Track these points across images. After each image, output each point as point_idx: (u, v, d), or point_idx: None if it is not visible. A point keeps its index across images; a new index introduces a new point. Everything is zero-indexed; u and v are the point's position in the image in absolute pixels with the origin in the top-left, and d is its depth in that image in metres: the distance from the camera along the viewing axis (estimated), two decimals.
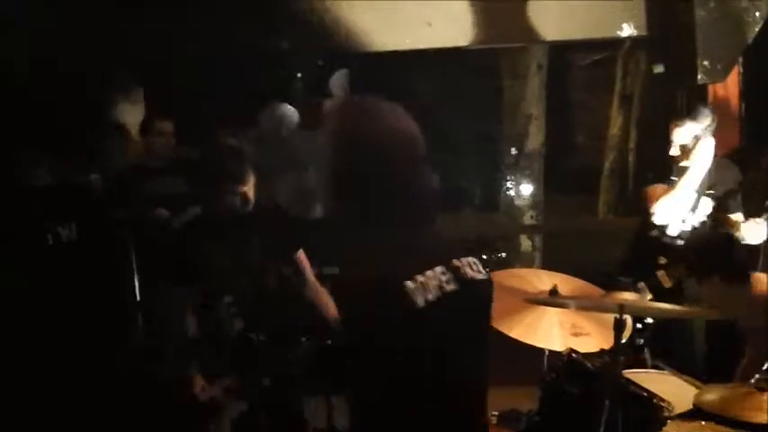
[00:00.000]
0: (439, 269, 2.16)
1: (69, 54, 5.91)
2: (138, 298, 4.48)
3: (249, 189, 3.80)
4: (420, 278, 2.11)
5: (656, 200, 4.82)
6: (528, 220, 8.82)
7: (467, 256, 2.27)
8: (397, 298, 2.06)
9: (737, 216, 4.76)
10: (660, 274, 4.56)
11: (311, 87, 8.66)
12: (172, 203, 5.05)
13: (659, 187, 4.92)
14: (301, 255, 4.08)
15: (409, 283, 2.08)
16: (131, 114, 6.67)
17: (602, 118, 9.30)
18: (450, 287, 2.17)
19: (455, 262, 2.22)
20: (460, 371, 2.21)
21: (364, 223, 2.19)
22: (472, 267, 2.25)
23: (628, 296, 3.13)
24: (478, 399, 2.30)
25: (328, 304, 3.97)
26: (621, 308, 2.95)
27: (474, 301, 2.25)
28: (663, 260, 4.67)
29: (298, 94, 8.58)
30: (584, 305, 3.49)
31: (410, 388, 2.11)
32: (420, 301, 2.08)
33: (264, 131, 8.41)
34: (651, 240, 4.88)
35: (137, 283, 4.46)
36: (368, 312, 2.06)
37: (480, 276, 2.27)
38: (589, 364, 3.22)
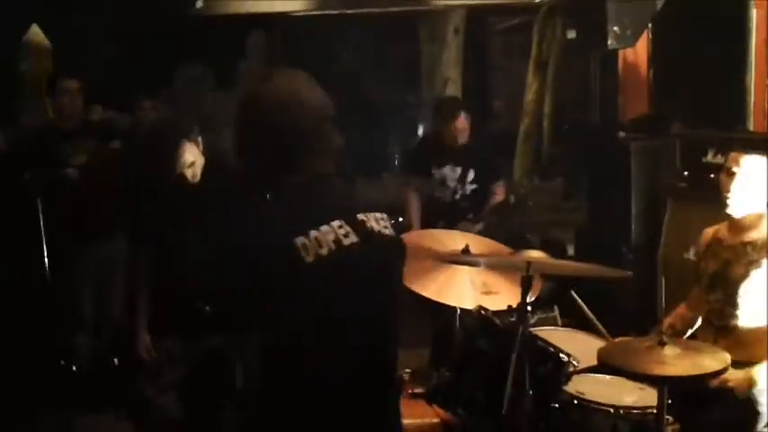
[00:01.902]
0: (336, 223, 2.18)
1: None
2: (47, 260, 4.39)
3: (189, 168, 3.69)
4: (314, 233, 2.13)
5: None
6: None
7: (374, 211, 2.30)
8: (285, 254, 2.09)
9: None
10: None
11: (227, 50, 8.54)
12: (83, 165, 4.96)
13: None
14: None
15: (299, 239, 2.10)
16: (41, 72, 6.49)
17: (518, 83, 9.38)
18: (349, 240, 2.18)
19: (359, 216, 2.24)
20: (364, 325, 2.23)
21: (262, 179, 2.28)
22: (378, 222, 2.27)
23: (535, 254, 3.18)
24: (386, 353, 2.34)
25: None
26: (528, 265, 3.01)
27: (377, 255, 2.26)
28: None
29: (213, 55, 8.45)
30: (494, 263, 3.56)
31: (310, 343, 2.14)
32: (309, 257, 2.10)
33: (179, 92, 8.30)
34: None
35: (45, 246, 4.37)
36: (256, 270, 2.09)
37: (387, 232, 2.29)
38: (497, 321, 3.28)
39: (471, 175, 5.53)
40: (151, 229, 3.89)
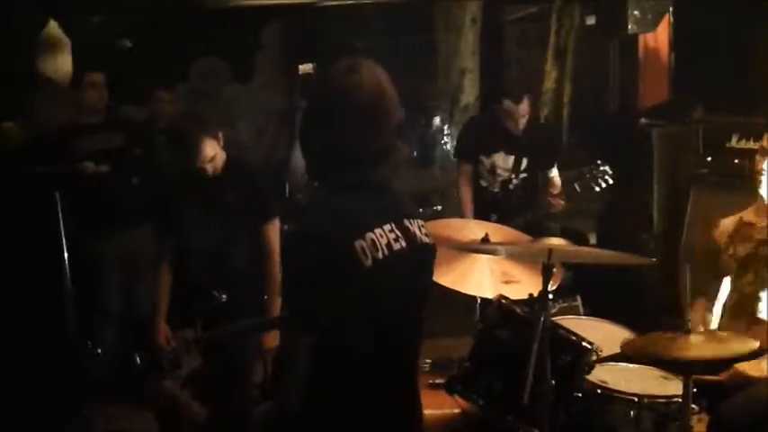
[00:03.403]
0: (387, 227, 2.15)
1: None
2: (66, 254, 4.39)
3: (210, 162, 3.71)
4: (370, 236, 2.10)
5: None
6: None
7: (417, 217, 2.27)
8: (345, 258, 2.05)
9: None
10: None
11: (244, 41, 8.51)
12: (107, 159, 4.96)
13: None
14: (269, 229, 3.88)
15: (358, 243, 2.07)
16: (59, 67, 6.49)
17: (536, 72, 9.31)
18: (398, 246, 2.16)
19: (405, 222, 2.21)
20: (403, 325, 2.22)
21: (324, 179, 2.20)
22: (420, 230, 2.25)
23: (557, 242, 3.13)
24: (416, 349, 2.33)
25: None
26: (550, 253, 2.96)
27: (419, 262, 2.25)
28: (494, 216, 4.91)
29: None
30: (514, 251, 3.51)
31: (355, 341, 2.11)
32: (368, 262, 2.06)
33: (195, 86, 8.28)
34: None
35: (63, 239, 4.37)
36: (316, 271, 2.04)
37: (427, 240, 2.27)
38: (518, 310, 3.24)
39: (524, 163, 5.12)
40: (171, 219, 3.90)
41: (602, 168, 4.85)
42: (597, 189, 4.88)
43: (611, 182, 4.83)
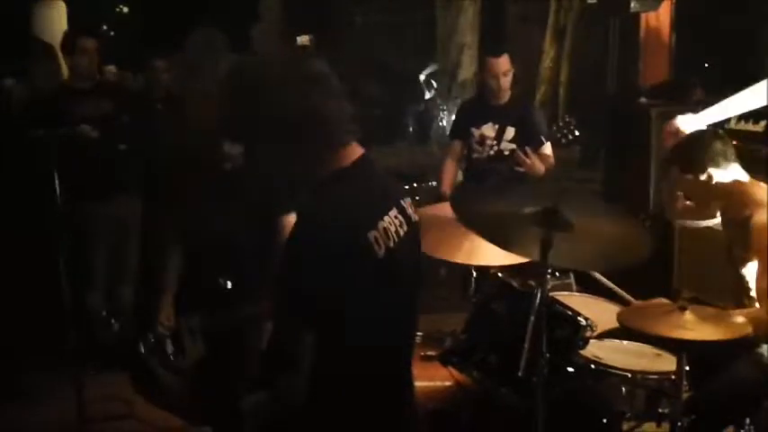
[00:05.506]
0: (393, 212, 2.11)
1: None
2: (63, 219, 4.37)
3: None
4: (382, 224, 2.04)
5: None
6: None
7: (407, 195, 2.24)
8: (360, 250, 1.98)
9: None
10: None
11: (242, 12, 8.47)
12: (95, 125, 4.93)
13: None
14: (286, 221, 3.59)
15: (372, 234, 2.01)
16: (55, 31, 6.45)
17: (534, 50, 9.30)
18: (404, 230, 2.12)
19: (401, 202, 2.18)
20: (408, 306, 2.19)
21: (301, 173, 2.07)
22: (411, 208, 2.22)
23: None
24: (415, 325, 2.30)
25: None
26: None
27: (417, 241, 2.23)
28: None
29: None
30: None
31: (359, 332, 2.04)
32: (381, 253, 2.01)
33: (193, 57, 8.23)
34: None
35: (60, 204, 4.35)
36: (329, 265, 1.96)
37: (416, 217, 2.23)
38: (515, 284, 3.24)
39: (510, 133, 5.11)
40: (180, 200, 3.79)
41: (566, 120, 4.90)
42: (564, 141, 4.91)
43: (577, 133, 4.87)
